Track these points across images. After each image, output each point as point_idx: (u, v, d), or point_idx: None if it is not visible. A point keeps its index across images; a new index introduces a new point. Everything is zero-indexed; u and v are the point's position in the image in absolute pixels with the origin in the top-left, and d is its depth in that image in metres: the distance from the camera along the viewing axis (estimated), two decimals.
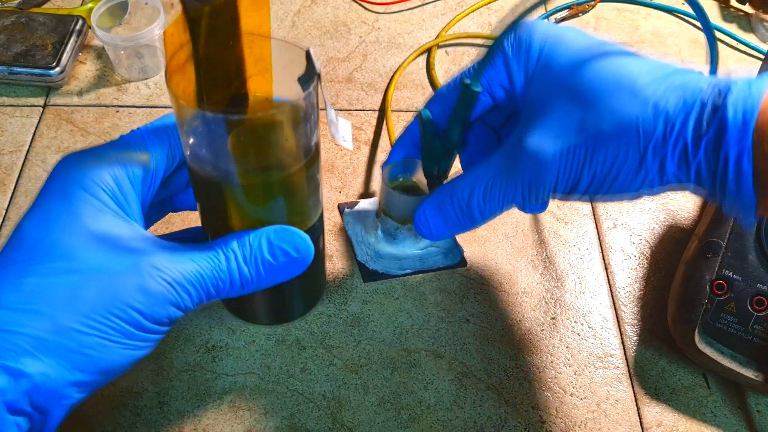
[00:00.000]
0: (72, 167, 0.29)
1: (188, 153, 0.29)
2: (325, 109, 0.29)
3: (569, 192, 0.30)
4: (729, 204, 0.28)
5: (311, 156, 0.30)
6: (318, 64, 0.28)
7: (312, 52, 0.28)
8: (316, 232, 0.34)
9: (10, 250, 0.28)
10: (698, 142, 0.27)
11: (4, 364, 0.25)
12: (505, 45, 0.32)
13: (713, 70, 0.31)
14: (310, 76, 0.28)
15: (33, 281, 0.26)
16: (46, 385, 0.26)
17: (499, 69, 0.32)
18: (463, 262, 0.41)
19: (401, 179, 0.38)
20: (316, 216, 0.34)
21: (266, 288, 0.32)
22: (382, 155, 0.50)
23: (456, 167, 0.37)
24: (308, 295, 0.41)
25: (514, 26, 0.29)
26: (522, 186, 0.30)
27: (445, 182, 0.36)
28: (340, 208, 0.44)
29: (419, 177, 0.37)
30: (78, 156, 0.30)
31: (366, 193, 0.48)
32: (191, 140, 0.29)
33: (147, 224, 0.33)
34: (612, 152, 0.28)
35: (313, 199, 0.33)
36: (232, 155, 0.28)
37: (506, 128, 0.37)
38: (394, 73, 0.55)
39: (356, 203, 0.44)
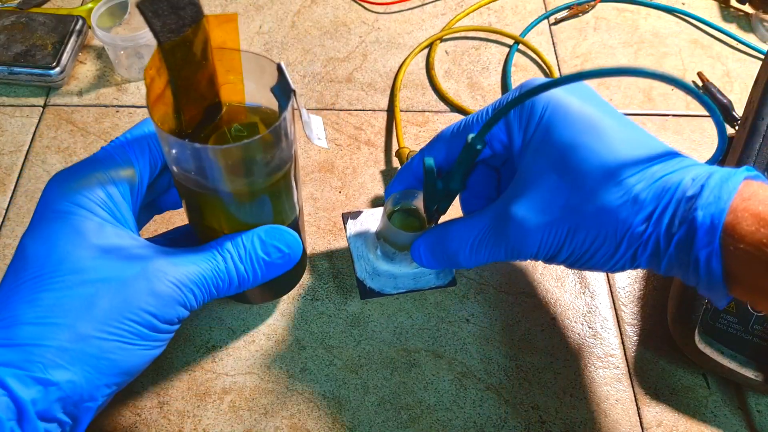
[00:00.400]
0: (65, 188, 0.30)
1: (174, 169, 0.30)
2: (298, 109, 0.30)
3: (549, 260, 0.32)
4: (701, 290, 0.29)
5: (291, 162, 0.32)
6: (291, 80, 0.28)
7: (283, 66, 0.28)
8: (298, 225, 0.36)
9: (17, 270, 0.29)
10: (669, 240, 0.28)
11: (33, 376, 0.26)
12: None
13: (715, 157, 0.31)
14: (286, 93, 0.28)
15: (48, 296, 0.27)
16: (74, 391, 0.27)
17: (500, 127, 0.34)
18: (453, 282, 0.43)
19: (402, 204, 0.41)
20: (296, 211, 0.35)
21: (261, 284, 0.33)
22: (389, 159, 0.50)
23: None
24: (293, 276, 0.42)
25: (522, 99, 0.30)
26: (506, 248, 0.33)
27: (442, 219, 0.38)
28: (344, 218, 0.45)
29: (419, 203, 0.39)
30: (67, 175, 0.30)
31: (365, 192, 0.48)
32: (178, 161, 0.29)
33: (138, 229, 0.33)
34: (591, 236, 0.30)
35: (292, 199, 0.34)
36: (219, 174, 0.29)
37: (505, 166, 0.38)
38: (397, 73, 0.55)
39: (359, 213, 0.45)
